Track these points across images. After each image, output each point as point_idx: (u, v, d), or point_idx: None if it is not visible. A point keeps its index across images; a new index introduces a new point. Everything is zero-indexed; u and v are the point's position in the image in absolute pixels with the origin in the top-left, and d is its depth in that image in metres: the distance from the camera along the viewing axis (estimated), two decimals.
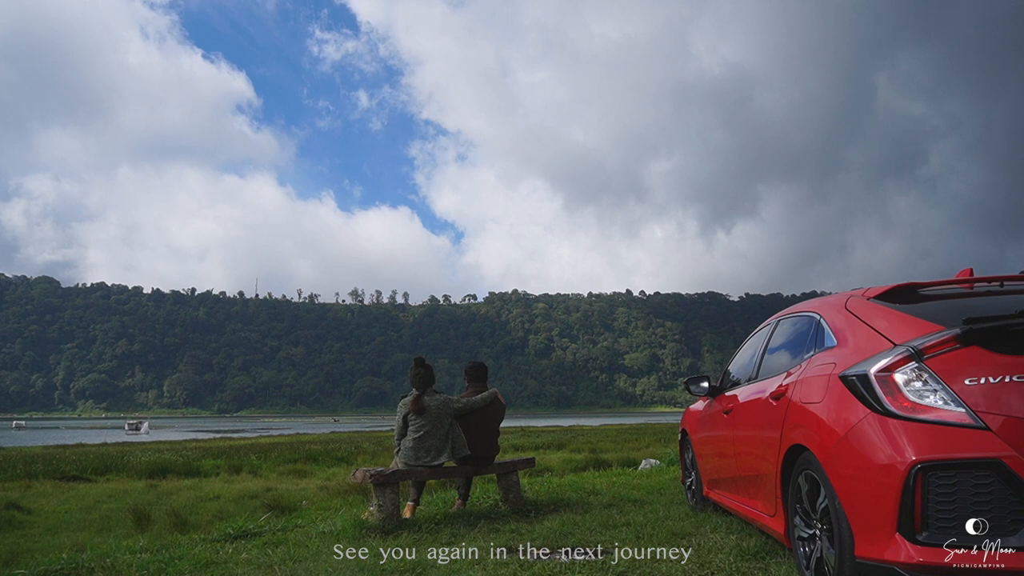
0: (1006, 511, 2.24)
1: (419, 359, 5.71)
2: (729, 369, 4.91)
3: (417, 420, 5.50)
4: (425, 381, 5.61)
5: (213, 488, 12.42)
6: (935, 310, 2.86)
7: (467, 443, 5.69)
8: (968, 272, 3.37)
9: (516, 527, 4.96)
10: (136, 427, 58.94)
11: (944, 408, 2.38)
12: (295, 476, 15.09)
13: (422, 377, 5.61)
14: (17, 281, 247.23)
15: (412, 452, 5.46)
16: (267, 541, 5.03)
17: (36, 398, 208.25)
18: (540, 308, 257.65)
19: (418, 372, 5.63)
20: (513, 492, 5.93)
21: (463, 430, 5.71)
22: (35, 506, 10.52)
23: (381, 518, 5.09)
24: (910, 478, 2.33)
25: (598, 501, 6.16)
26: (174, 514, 8.80)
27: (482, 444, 5.86)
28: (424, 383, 5.60)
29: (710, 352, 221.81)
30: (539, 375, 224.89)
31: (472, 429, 5.80)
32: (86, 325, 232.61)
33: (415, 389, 5.62)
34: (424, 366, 5.67)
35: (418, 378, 5.61)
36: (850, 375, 2.68)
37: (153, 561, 4.47)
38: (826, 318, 3.31)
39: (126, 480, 14.53)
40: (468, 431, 5.76)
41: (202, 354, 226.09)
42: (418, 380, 5.60)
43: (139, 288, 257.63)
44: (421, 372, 5.62)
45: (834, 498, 2.64)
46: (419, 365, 5.65)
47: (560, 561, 3.81)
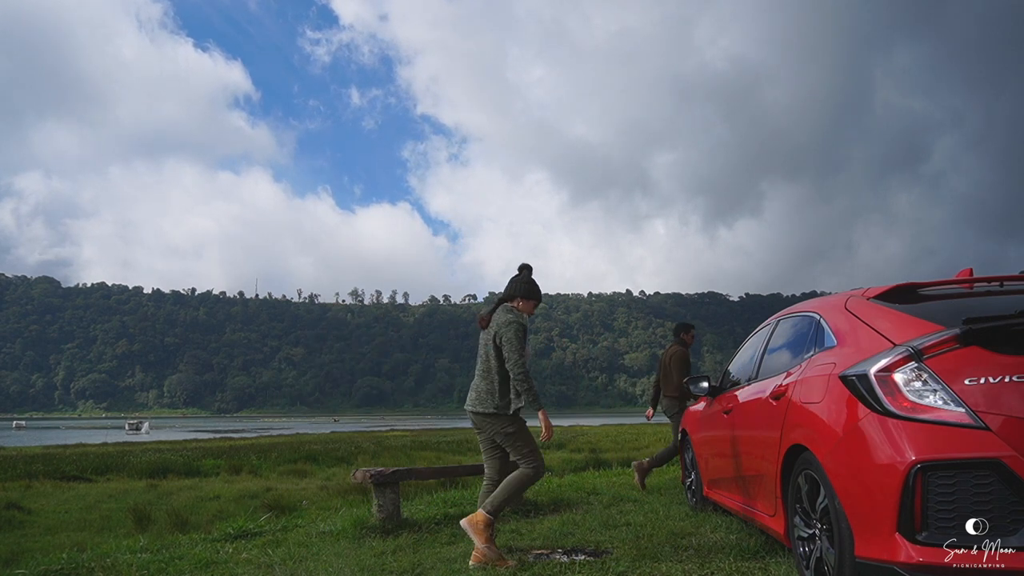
0: (1006, 511, 2.24)
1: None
2: (729, 369, 4.91)
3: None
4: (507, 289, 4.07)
5: (213, 488, 12.42)
6: (935, 310, 2.86)
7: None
8: (968, 272, 3.37)
9: (516, 527, 4.97)
10: (136, 427, 58.89)
11: (944, 408, 2.37)
12: (295, 476, 15.09)
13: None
14: (17, 281, 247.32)
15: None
16: (267, 541, 5.03)
17: (36, 398, 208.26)
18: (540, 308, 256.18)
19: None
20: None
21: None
22: (35, 506, 10.52)
23: (381, 518, 5.09)
24: (910, 478, 2.33)
25: (598, 501, 6.16)
26: (174, 514, 8.80)
27: None
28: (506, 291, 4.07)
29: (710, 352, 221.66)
30: (539, 375, 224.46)
31: None
32: (86, 325, 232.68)
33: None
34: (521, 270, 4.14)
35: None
36: (850, 375, 2.67)
37: (153, 561, 4.47)
38: (826, 318, 3.31)
39: (126, 480, 14.53)
40: None
41: (202, 354, 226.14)
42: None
43: (139, 288, 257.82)
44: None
45: (834, 498, 2.64)
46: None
47: (560, 561, 3.81)
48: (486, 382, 3.77)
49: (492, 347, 3.77)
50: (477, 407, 3.78)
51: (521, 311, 3.91)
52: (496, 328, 3.76)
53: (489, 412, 3.70)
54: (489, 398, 3.72)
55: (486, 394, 3.74)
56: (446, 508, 5.90)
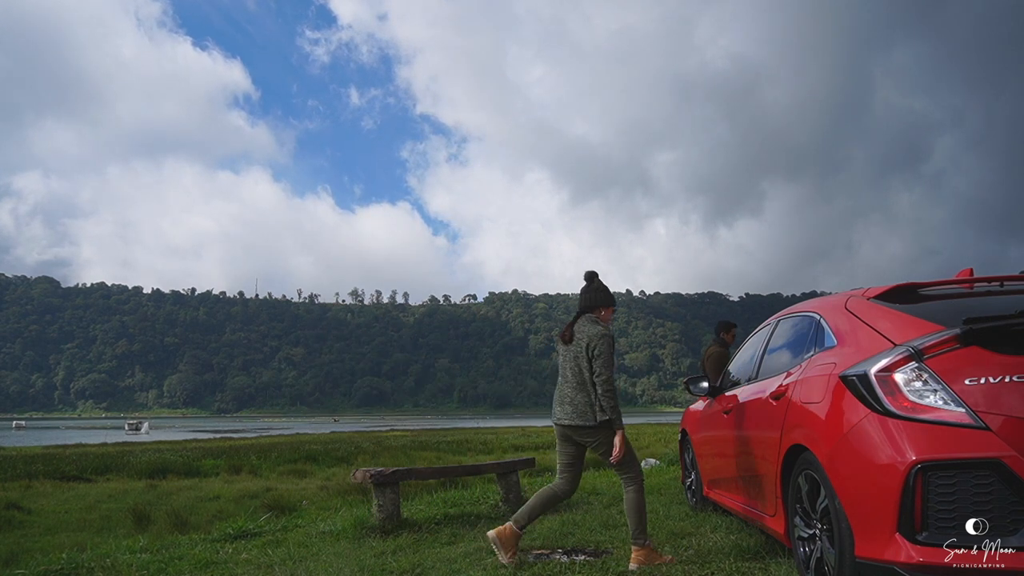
0: (1006, 511, 2.24)
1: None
2: (729, 369, 4.91)
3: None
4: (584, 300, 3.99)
5: (213, 488, 12.42)
6: (935, 310, 2.86)
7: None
8: (968, 272, 3.37)
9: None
10: (136, 427, 58.89)
11: (944, 408, 2.38)
12: (295, 476, 15.08)
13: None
14: (17, 281, 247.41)
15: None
16: (267, 541, 5.04)
17: (36, 398, 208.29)
18: (540, 308, 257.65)
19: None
20: (513, 492, 5.94)
21: None
22: (35, 506, 10.52)
23: (381, 518, 5.09)
24: (910, 478, 2.33)
25: (598, 501, 6.16)
26: (174, 514, 8.80)
27: None
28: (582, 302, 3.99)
29: None
30: (539, 375, 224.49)
31: None
32: (86, 325, 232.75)
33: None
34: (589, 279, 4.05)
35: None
36: (850, 375, 2.68)
37: (153, 561, 4.48)
38: (826, 318, 3.31)
39: (126, 480, 14.53)
40: None
41: (202, 354, 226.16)
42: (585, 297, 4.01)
43: (139, 288, 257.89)
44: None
45: (834, 498, 2.64)
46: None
47: (560, 561, 3.81)
48: (583, 395, 3.70)
49: (584, 359, 3.72)
50: (576, 420, 3.69)
51: (604, 319, 3.89)
52: (588, 340, 3.72)
53: (590, 425, 3.65)
54: (589, 411, 3.67)
55: (585, 407, 3.68)
56: (446, 508, 5.90)
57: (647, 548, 3.62)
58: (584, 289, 3.97)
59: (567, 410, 3.74)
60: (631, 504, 3.68)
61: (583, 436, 3.74)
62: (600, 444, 3.71)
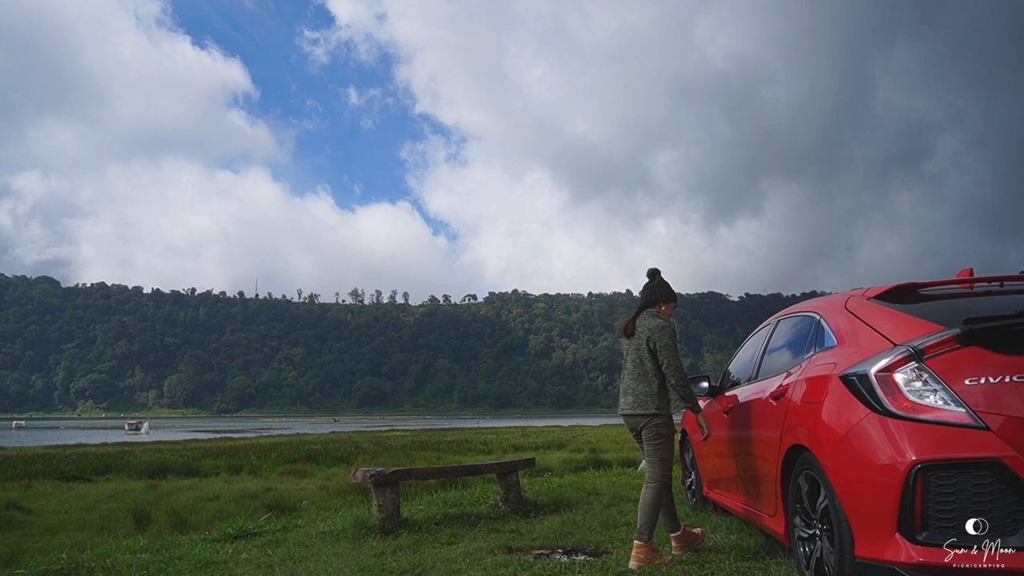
0: (1006, 511, 2.24)
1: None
2: (729, 369, 4.91)
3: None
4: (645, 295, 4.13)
5: (213, 488, 12.43)
6: (935, 310, 2.86)
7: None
8: (968, 272, 3.38)
9: (516, 527, 4.97)
10: (136, 427, 58.91)
11: (944, 408, 2.38)
12: (295, 476, 15.09)
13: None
14: (17, 281, 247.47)
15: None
16: (267, 541, 5.04)
17: (36, 398, 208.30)
18: (540, 308, 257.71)
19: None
20: (513, 492, 5.94)
21: None
22: (35, 506, 10.52)
23: (381, 518, 5.09)
24: (910, 478, 2.33)
25: (598, 501, 6.16)
26: (174, 514, 8.80)
27: None
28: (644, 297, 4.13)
29: (710, 352, 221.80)
30: (539, 375, 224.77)
31: None
32: (86, 325, 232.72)
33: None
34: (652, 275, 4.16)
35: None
36: (850, 375, 2.68)
37: (153, 561, 4.48)
38: (826, 318, 3.31)
39: (126, 480, 14.53)
40: None
41: (202, 354, 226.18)
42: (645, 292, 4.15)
43: (139, 288, 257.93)
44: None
45: (834, 498, 2.64)
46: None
47: (560, 561, 3.81)
48: (644, 385, 3.85)
49: (646, 351, 3.86)
50: (637, 409, 3.85)
51: (665, 314, 4.01)
52: (649, 333, 3.86)
53: (651, 412, 3.81)
54: (650, 400, 3.82)
55: (646, 396, 3.83)
56: (446, 508, 5.90)
57: (649, 546, 3.66)
58: (646, 285, 4.12)
59: (628, 400, 3.88)
60: (646, 500, 3.76)
61: (638, 424, 3.87)
62: (648, 432, 3.82)
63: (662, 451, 3.80)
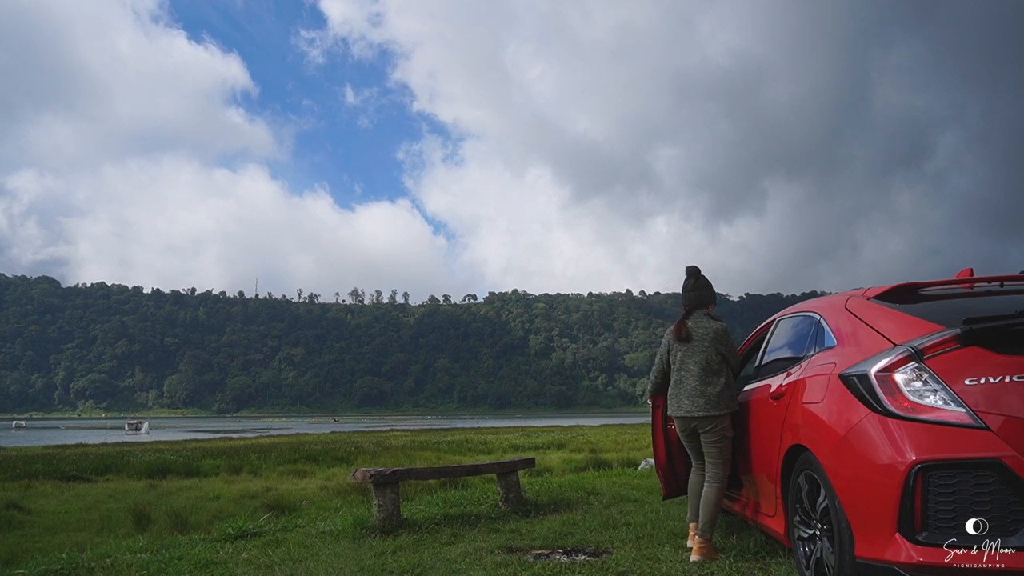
0: (1006, 511, 2.24)
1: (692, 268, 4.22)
2: None
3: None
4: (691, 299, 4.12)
5: (213, 488, 12.43)
6: (935, 310, 2.86)
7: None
8: (968, 272, 3.38)
9: (516, 527, 4.97)
10: (136, 427, 58.90)
11: (944, 408, 2.38)
12: (295, 476, 15.10)
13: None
14: (17, 281, 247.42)
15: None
16: (267, 541, 5.03)
17: (36, 398, 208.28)
18: (540, 308, 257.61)
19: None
20: (513, 492, 5.93)
21: None
22: (35, 506, 10.53)
23: (381, 518, 5.09)
24: (910, 478, 2.33)
25: (598, 501, 6.16)
26: (174, 514, 8.80)
27: None
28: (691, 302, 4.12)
29: None
30: (539, 375, 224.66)
31: None
32: (86, 325, 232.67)
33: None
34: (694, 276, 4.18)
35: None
36: (850, 375, 2.68)
37: (153, 561, 4.47)
38: (826, 318, 3.31)
39: (126, 480, 14.54)
40: None
41: (202, 354, 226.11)
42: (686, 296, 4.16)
43: (139, 288, 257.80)
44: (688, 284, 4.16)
45: (834, 498, 2.64)
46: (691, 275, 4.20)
47: (560, 561, 3.81)
48: (713, 387, 3.87)
49: (714, 352, 3.90)
50: (711, 411, 3.84)
51: (711, 314, 4.11)
52: (714, 334, 3.92)
53: (723, 412, 3.84)
54: (722, 401, 3.86)
55: (718, 397, 3.85)
56: (446, 508, 5.90)
57: (710, 543, 3.75)
58: (692, 286, 4.12)
59: (699, 402, 3.86)
60: (709, 499, 3.81)
61: (704, 425, 3.88)
62: (713, 431, 3.85)
63: (727, 451, 3.86)
